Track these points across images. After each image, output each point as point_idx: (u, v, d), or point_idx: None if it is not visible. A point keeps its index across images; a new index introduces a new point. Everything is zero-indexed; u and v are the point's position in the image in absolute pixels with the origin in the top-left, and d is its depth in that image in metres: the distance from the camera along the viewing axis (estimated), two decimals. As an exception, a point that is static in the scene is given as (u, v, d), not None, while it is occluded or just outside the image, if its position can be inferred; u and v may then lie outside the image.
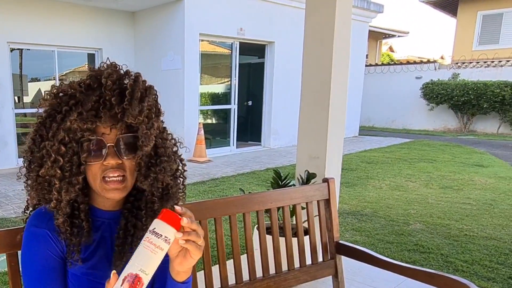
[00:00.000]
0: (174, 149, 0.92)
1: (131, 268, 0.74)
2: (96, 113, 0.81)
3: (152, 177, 0.86)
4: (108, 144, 0.83)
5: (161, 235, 0.74)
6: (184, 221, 0.75)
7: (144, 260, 0.74)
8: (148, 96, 0.85)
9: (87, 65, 7.83)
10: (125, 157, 0.85)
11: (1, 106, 6.43)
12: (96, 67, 0.87)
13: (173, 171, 0.91)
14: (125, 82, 0.84)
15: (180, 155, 0.95)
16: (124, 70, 0.86)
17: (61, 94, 0.85)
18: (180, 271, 0.83)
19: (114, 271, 0.74)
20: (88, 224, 0.89)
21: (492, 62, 11.69)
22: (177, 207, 0.78)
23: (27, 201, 0.95)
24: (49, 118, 0.85)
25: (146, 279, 0.74)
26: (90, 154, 0.83)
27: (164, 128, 0.92)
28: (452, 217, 4.13)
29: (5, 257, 1.11)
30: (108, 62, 0.87)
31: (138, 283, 0.73)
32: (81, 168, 0.84)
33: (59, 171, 0.82)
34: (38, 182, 0.87)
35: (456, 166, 6.77)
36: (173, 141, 0.92)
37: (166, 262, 0.81)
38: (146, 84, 0.86)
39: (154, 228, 0.75)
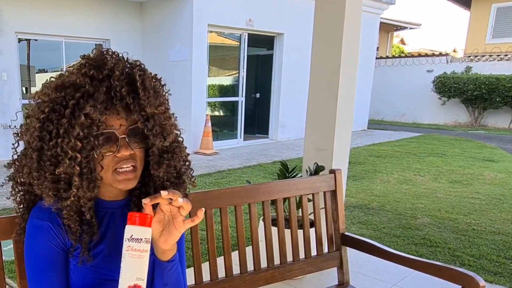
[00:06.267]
0: (179, 134, 0.93)
1: (127, 281, 0.76)
2: (107, 105, 0.80)
3: (165, 164, 0.87)
4: (120, 136, 0.82)
5: (141, 239, 0.76)
6: (164, 194, 0.77)
7: (136, 269, 0.76)
8: (160, 85, 0.86)
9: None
10: (137, 148, 0.85)
11: (8, 96, 6.48)
12: (91, 55, 0.84)
13: (183, 156, 0.92)
14: (131, 70, 0.83)
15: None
16: (125, 58, 0.85)
17: (64, 86, 0.81)
18: (166, 249, 0.85)
19: None
20: (96, 220, 0.88)
21: (506, 55, 11.45)
22: (163, 193, 0.79)
23: (19, 200, 0.92)
24: (55, 113, 0.80)
25: (144, 283, 0.77)
26: (103, 147, 0.82)
27: (172, 114, 0.92)
28: (461, 211, 4.09)
29: (11, 245, 1.12)
30: (100, 49, 0.85)
31: None
32: (100, 163, 0.83)
33: (77, 168, 0.80)
34: (54, 181, 0.83)
35: (466, 161, 6.68)
36: (177, 125, 0.92)
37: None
38: (149, 72, 0.85)
39: (132, 235, 0.77)
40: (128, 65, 0.83)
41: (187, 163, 0.94)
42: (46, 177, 0.83)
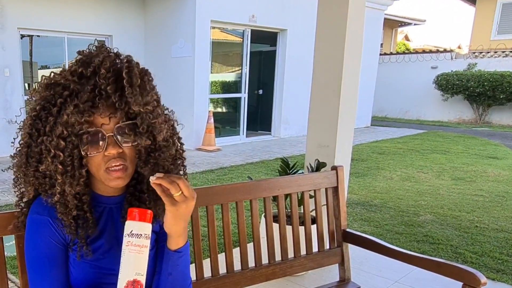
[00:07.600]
0: (172, 130, 0.90)
1: (126, 276, 0.77)
2: (92, 104, 0.79)
3: (152, 163, 0.86)
4: (107, 134, 0.82)
5: (140, 234, 0.78)
6: (152, 179, 0.80)
7: (135, 264, 0.77)
8: (148, 81, 0.83)
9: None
10: (125, 146, 0.84)
11: (11, 92, 6.48)
12: (86, 50, 0.84)
13: (172, 155, 0.89)
14: (118, 67, 0.81)
15: (178, 135, 0.93)
16: (114, 52, 0.83)
17: (53, 85, 0.82)
18: (175, 236, 0.87)
19: None
20: (91, 214, 0.88)
21: (511, 52, 11.34)
22: (157, 175, 0.81)
23: (20, 193, 0.93)
24: (44, 111, 0.82)
25: (143, 278, 0.78)
26: (90, 146, 0.82)
27: (172, 111, 0.91)
28: (463, 208, 4.08)
29: (13, 241, 1.12)
30: (96, 45, 0.84)
31: (139, 286, 0.77)
32: (83, 161, 0.83)
33: (60, 166, 0.81)
34: (37, 177, 0.85)
35: (470, 158, 6.64)
36: (170, 122, 0.90)
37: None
38: (140, 67, 0.83)
39: (131, 231, 0.78)
40: (118, 61, 0.82)
41: (178, 161, 0.92)
42: (30, 173, 0.85)
